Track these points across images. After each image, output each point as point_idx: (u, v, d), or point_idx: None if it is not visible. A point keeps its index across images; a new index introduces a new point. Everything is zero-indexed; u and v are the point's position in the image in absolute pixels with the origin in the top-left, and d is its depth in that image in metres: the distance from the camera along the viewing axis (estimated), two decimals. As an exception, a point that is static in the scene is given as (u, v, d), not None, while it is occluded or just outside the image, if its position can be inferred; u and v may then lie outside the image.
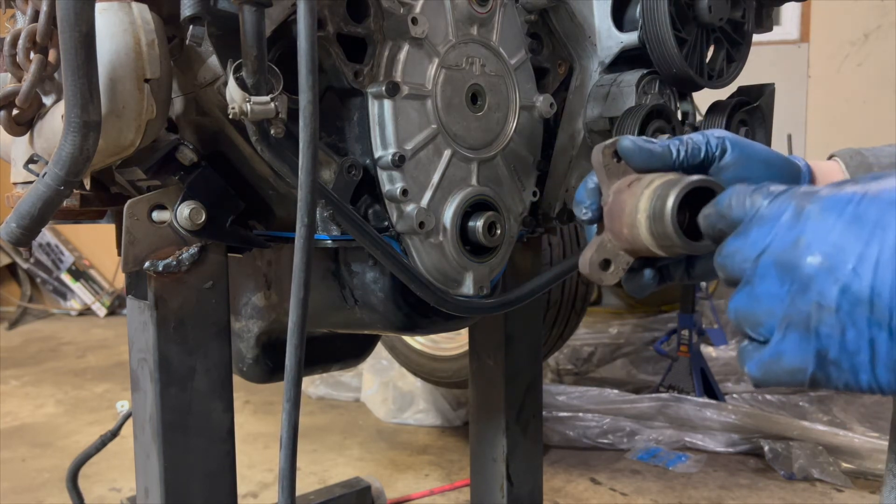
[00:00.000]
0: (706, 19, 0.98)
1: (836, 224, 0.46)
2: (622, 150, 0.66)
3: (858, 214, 0.46)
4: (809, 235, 0.47)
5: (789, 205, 0.49)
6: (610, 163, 0.66)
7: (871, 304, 0.44)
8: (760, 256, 0.49)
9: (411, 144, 0.87)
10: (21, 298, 4.79)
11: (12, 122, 0.80)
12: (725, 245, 0.52)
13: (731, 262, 0.52)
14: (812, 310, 0.46)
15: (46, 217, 0.68)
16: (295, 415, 0.68)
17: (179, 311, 0.84)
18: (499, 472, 1.26)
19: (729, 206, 0.54)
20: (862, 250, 0.45)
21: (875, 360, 0.45)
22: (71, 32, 0.63)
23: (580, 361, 3.03)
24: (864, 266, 0.44)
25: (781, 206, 0.50)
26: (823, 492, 1.92)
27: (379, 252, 0.84)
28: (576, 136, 1.06)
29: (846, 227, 0.46)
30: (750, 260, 0.50)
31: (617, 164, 0.66)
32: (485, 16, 0.94)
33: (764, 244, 0.49)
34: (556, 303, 2.00)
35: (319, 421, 2.52)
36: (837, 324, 0.45)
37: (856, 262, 0.45)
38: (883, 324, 0.44)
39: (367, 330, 1.04)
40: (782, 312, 0.48)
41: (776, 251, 0.48)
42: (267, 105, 0.72)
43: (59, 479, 1.86)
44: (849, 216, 0.46)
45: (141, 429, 0.88)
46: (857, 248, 0.45)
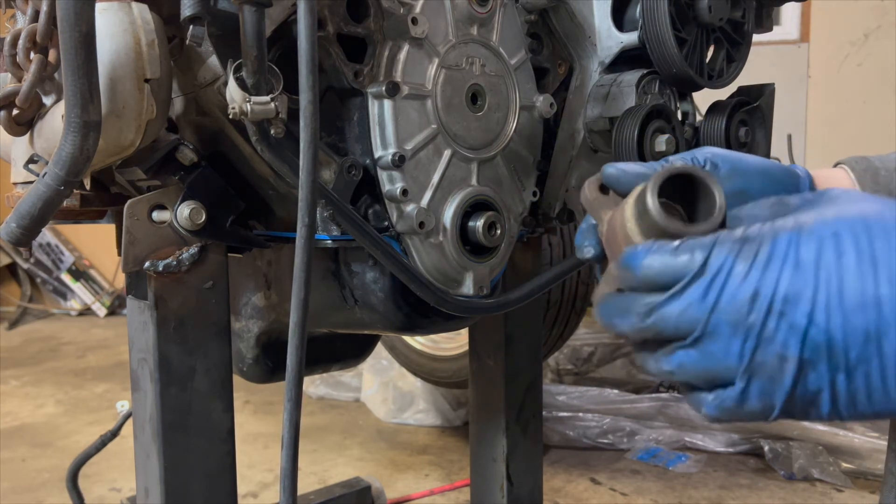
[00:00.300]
0: (706, 19, 0.98)
1: (784, 272, 0.47)
2: (606, 177, 0.63)
3: (800, 259, 0.47)
4: (762, 288, 0.47)
5: (728, 257, 0.49)
6: (598, 196, 0.63)
7: (829, 349, 0.47)
8: (711, 314, 0.48)
9: (411, 144, 0.87)
10: (21, 298, 4.79)
11: (12, 122, 0.80)
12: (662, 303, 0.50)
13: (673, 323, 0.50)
14: (775, 361, 0.48)
15: (46, 217, 0.68)
16: (296, 415, 0.68)
17: (179, 311, 0.84)
18: (499, 472, 1.26)
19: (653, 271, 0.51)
20: (812, 296, 0.46)
21: (836, 398, 0.48)
22: (71, 32, 0.63)
23: (580, 361, 3.03)
24: (818, 313, 0.46)
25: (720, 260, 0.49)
26: (823, 492, 1.92)
27: (379, 252, 0.84)
28: (576, 136, 1.06)
29: (793, 274, 0.47)
30: (700, 321, 0.49)
31: (606, 196, 0.63)
32: (485, 16, 0.94)
33: (715, 297, 0.48)
34: (556, 303, 2.00)
35: (319, 421, 2.52)
36: (800, 370, 0.47)
37: (809, 310, 0.46)
38: (840, 366, 0.47)
39: (367, 330, 1.04)
40: (742, 367, 0.48)
41: (729, 309, 0.48)
42: (267, 105, 0.72)
43: (59, 479, 1.86)
44: (792, 263, 0.47)
45: (141, 429, 0.88)
46: (807, 295, 0.46)
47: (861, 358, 0.46)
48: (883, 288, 0.46)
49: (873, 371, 0.46)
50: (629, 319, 0.52)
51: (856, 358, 0.46)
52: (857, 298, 0.46)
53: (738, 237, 0.49)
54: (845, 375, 0.47)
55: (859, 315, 0.46)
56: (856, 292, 0.46)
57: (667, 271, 0.50)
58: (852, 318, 0.46)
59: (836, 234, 0.47)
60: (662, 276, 0.51)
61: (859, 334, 0.46)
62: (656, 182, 0.55)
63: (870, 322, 0.46)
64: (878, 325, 0.46)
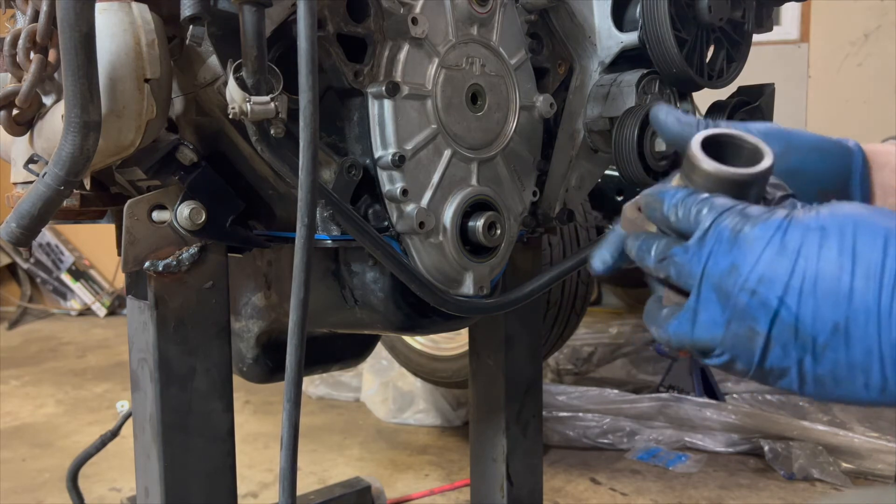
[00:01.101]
0: (706, 19, 0.98)
1: (766, 252, 0.50)
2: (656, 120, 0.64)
3: (784, 243, 0.49)
4: (742, 263, 0.50)
5: (726, 227, 0.52)
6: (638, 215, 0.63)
7: (797, 331, 0.49)
8: (702, 278, 0.52)
9: (411, 144, 0.87)
10: (21, 298, 4.79)
11: (12, 122, 0.80)
12: (674, 252, 0.55)
13: (676, 270, 0.54)
14: (748, 333, 0.51)
15: (46, 217, 0.68)
16: (296, 414, 0.68)
17: (179, 311, 0.84)
18: (499, 472, 1.26)
19: (675, 215, 0.55)
20: (787, 280, 0.49)
21: (803, 378, 0.50)
22: (71, 32, 0.63)
23: (580, 361, 3.03)
24: (790, 296, 0.49)
25: (720, 226, 0.52)
26: (823, 492, 1.92)
27: (379, 252, 0.84)
28: (576, 136, 1.06)
29: (774, 256, 0.49)
30: (694, 277, 0.53)
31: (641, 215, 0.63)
32: (485, 16, 0.94)
33: (702, 265, 0.52)
34: (556, 303, 2.00)
35: (319, 421, 2.52)
36: (767, 346, 0.50)
37: (782, 292, 0.49)
38: (807, 348, 0.49)
39: (367, 330, 1.04)
40: (722, 335, 0.52)
41: (714, 276, 0.52)
42: (267, 105, 0.72)
43: (59, 479, 1.86)
44: (776, 245, 0.50)
45: (141, 429, 0.88)
46: (783, 278, 0.49)
47: (828, 345, 0.48)
48: (858, 281, 0.47)
49: (840, 360, 0.48)
50: (649, 257, 0.57)
51: (823, 344, 0.48)
52: (830, 288, 0.48)
53: (741, 211, 0.52)
54: (812, 359, 0.49)
55: (830, 304, 0.48)
56: (830, 282, 0.48)
57: (685, 218, 0.54)
58: (823, 307, 0.48)
59: (822, 228, 0.49)
60: (681, 222, 0.55)
61: (828, 323, 0.48)
62: (704, 134, 0.57)
63: (839, 313, 0.47)
64: (846, 317, 0.47)
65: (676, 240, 0.56)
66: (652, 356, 2.93)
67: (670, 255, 0.55)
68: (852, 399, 0.49)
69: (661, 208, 0.57)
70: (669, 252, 0.55)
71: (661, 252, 0.56)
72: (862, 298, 0.47)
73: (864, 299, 0.47)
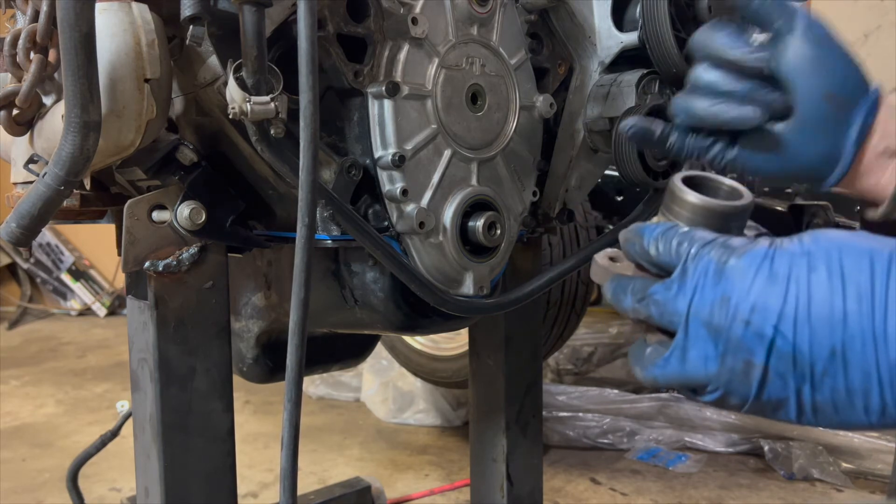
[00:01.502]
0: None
1: (756, 282, 0.49)
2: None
3: (773, 271, 0.49)
4: (732, 294, 0.50)
5: (711, 259, 0.51)
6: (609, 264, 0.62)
7: (794, 360, 0.48)
8: (689, 314, 0.51)
9: (411, 144, 0.87)
10: (21, 298, 4.79)
11: (12, 122, 0.80)
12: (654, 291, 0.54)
13: (658, 310, 0.53)
14: (743, 366, 0.50)
15: (46, 217, 0.68)
16: (296, 414, 0.68)
17: (179, 311, 0.84)
18: (499, 472, 1.26)
19: (656, 248, 0.55)
20: (781, 308, 0.48)
21: (802, 407, 0.49)
22: (71, 32, 0.63)
23: (580, 361, 3.03)
24: (785, 324, 0.48)
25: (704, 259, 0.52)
26: (823, 492, 1.92)
27: (379, 252, 0.84)
28: (576, 136, 1.06)
29: (765, 285, 0.49)
30: (680, 315, 0.52)
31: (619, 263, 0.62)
32: (485, 16, 0.94)
33: (688, 301, 0.51)
34: (556, 303, 2.00)
35: (319, 421, 2.52)
36: (765, 377, 0.49)
37: (777, 321, 0.48)
38: (806, 377, 0.48)
39: (367, 330, 1.04)
40: (716, 371, 0.51)
41: (703, 310, 0.51)
42: (267, 105, 0.72)
43: (59, 479, 1.86)
44: (765, 273, 0.49)
45: (141, 429, 0.88)
46: (776, 306, 0.48)
47: (826, 372, 0.47)
48: (850, 303, 0.47)
49: (839, 386, 0.47)
50: (625, 298, 0.55)
51: (821, 371, 0.47)
52: (824, 313, 0.47)
53: (724, 243, 0.52)
54: (810, 387, 0.48)
55: (826, 330, 0.47)
56: (824, 307, 0.47)
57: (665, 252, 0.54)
58: (819, 333, 0.47)
59: (808, 253, 0.49)
60: (662, 256, 0.54)
61: (825, 349, 0.47)
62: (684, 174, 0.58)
63: (836, 338, 0.47)
64: (843, 341, 0.47)
65: (654, 279, 0.55)
66: (652, 356, 2.93)
67: (650, 295, 0.53)
68: (851, 425, 0.49)
69: (641, 242, 0.56)
70: (648, 292, 0.54)
71: (638, 292, 0.54)
72: (857, 321, 0.46)
73: (859, 322, 0.46)
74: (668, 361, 0.53)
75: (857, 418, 0.48)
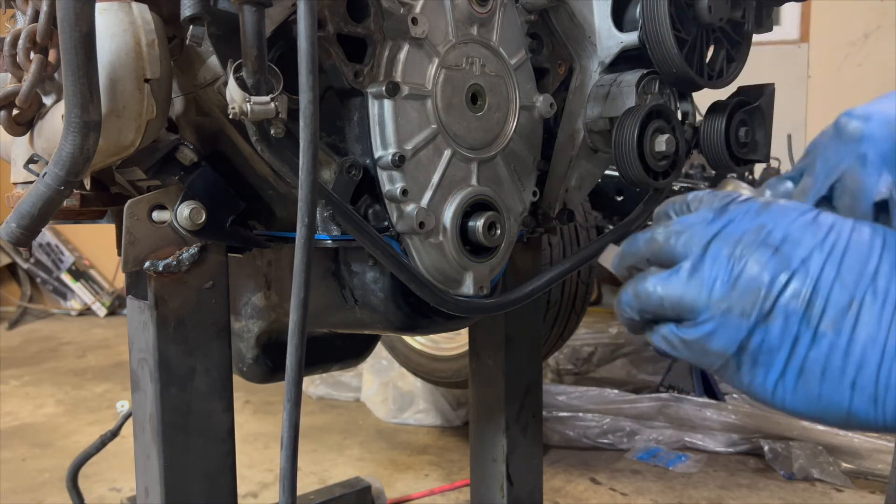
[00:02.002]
0: (706, 19, 0.98)
1: (798, 220, 0.47)
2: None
3: (818, 218, 0.47)
4: (769, 224, 0.48)
5: (755, 201, 0.50)
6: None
7: (809, 301, 0.45)
8: (715, 236, 0.49)
9: (411, 144, 0.87)
10: (21, 298, 4.79)
11: (12, 122, 0.80)
12: (686, 219, 0.51)
13: (679, 238, 0.51)
14: (752, 296, 0.46)
15: (46, 217, 0.68)
16: (296, 414, 0.68)
17: (179, 311, 0.84)
18: (499, 472, 1.26)
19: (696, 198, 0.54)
20: (815, 245, 0.46)
21: (788, 364, 0.46)
22: (71, 32, 0.63)
23: (580, 361, 3.03)
24: (814, 261, 0.45)
25: (748, 202, 0.50)
26: (823, 492, 1.92)
27: (379, 252, 0.84)
28: (576, 136, 1.06)
29: (805, 225, 0.47)
30: (701, 243, 0.49)
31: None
32: (485, 16, 0.94)
33: (719, 227, 0.49)
34: (556, 303, 2.00)
35: (319, 421, 2.52)
36: (771, 313, 0.46)
37: (807, 254, 0.46)
38: (812, 323, 0.45)
39: (367, 330, 1.04)
40: (721, 295, 0.47)
41: (734, 235, 0.48)
42: (267, 105, 0.72)
43: (59, 479, 1.86)
44: (810, 217, 0.48)
45: (141, 429, 0.88)
46: (811, 243, 0.46)
47: (834, 323, 0.44)
48: (885, 266, 0.44)
49: (840, 343, 0.44)
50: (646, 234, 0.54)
51: (830, 321, 0.45)
52: (857, 263, 0.45)
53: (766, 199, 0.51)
54: (811, 338, 0.45)
55: (853, 278, 0.45)
56: (858, 258, 0.45)
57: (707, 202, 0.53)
58: (845, 278, 0.45)
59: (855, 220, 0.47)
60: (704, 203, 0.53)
61: (844, 297, 0.44)
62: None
63: (860, 290, 0.44)
64: (864, 295, 0.44)
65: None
66: (652, 356, 2.93)
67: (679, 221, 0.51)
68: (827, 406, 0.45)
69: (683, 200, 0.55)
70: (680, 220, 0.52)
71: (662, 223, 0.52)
72: (885, 282, 0.44)
73: (887, 284, 0.44)
74: (676, 274, 0.50)
75: (841, 395, 0.45)
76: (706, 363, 0.50)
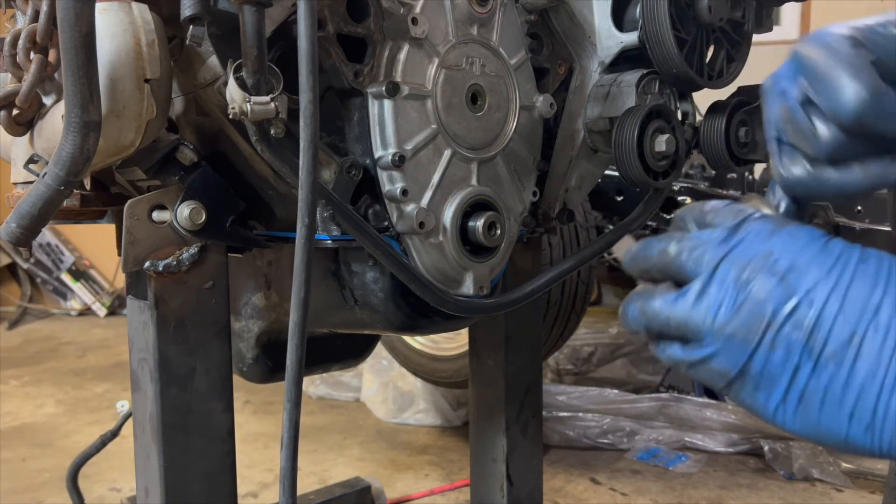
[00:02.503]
0: (706, 19, 0.98)
1: (807, 249, 0.48)
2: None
3: (826, 247, 0.48)
4: (777, 251, 0.48)
5: (767, 223, 0.50)
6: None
7: (811, 332, 0.46)
8: (724, 258, 0.50)
9: (411, 144, 0.87)
10: (21, 298, 4.79)
11: (12, 122, 0.80)
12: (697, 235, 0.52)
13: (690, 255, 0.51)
14: (755, 322, 0.47)
15: (46, 217, 0.68)
16: (296, 414, 0.68)
17: (179, 311, 0.84)
18: (499, 472, 1.26)
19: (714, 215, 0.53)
20: (821, 277, 0.47)
21: (789, 391, 0.47)
22: (71, 32, 0.63)
23: (580, 361, 3.03)
24: (819, 293, 0.46)
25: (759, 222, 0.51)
26: (823, 492, 1.92)
27: (379, 252, 0.84)
28: (576, 136, 1.06)
29: (815, 254, 0.48)
30: (714, 260, 0.50)
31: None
32: (485, 16, 0.94)
33: (729, 248, 0.50)
34: (556, 303, 2.00)
35: (319, 421, 2.52)
36: (774, 341, 0.47)
37: (812, 285, 0.46)
38: (813, 354, 0.46)
39: (368, 330, 1.04)
40: (725, 320, 0.48)
41: (742, 259, 0.49)
42: (267, 105, 0.72)
43: (59, 479, 1.86)
44: (818, 246, 0.48)
45: (141, 429, 0.88)
46: (817, 275, 0.47)
47: (835, 356, 0.45)
48: (888, 301, 0.45)
49: (840, 375, 0.45)
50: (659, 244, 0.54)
51: (830, 353, 0.45)
52: (860, 298, 0.46)
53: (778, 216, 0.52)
54: (811, 368, 0.46)
55: (855, 312, 0.45)
56: (862, 292, 0.46)
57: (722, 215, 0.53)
58: (847, 312, 0.46)
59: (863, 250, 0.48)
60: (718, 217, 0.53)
61: (846, 331, 0.45)
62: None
63: (861, 324, 0.45)
64: (866, 330, 0.45)
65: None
66: (652, 356, 2.93)
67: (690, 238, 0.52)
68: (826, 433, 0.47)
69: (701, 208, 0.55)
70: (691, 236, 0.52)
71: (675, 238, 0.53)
72: (888, 316, 0.45)
73: (889, 319, 0.45)
74: (683, 296, 0.50)
75: (839, 424, 0.46)
76: (709, 382, 0.51)
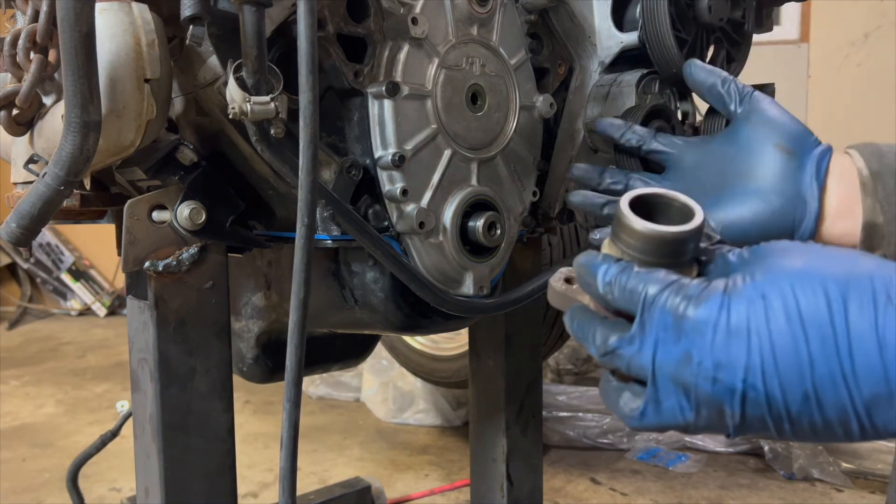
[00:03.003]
0: (706, 19, 0.98)
1: (716, 338, 0.49)
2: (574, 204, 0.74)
3: (732, 325, 0.48)
4: (695, 352, 0.49)
5: (668, 311, 0.50)
6: (567, 287, 0.60)
7: (769, 406, 0.48)
8: (654, 368, 0.51)
9: (411, 144, 0.87)
10: (21, 298, 4.79)
11: (12, 122, 0.80)
12: (617, 345, 0.53)
13: (626, 364, 0.53)
14: (718, 415, 0.50)
15: (46, 217, 0.68)
16: (296, 414, 0.68)
17: (179, 311, 0.84)
18: (499, 472, 1.26)
19: (612, 294, 0.54)
20: (746, 362, 0.48)
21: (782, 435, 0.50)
22: (71, 32, 0.62)
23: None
24: (754, 377, 0.48)
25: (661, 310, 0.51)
26: (823, 492, 1.92)
27: (379, 252, 0.84)
28: (576, 136, 1.06)
29: (726, 340, 0.48)
30: (646, 369, 0.51)
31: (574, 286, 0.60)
32: (485, 16, 0.94)
33: (651, 355, 0.51)
34: (556, 303, 2.00)
35: (319, 421, 2.52)
36: (744, 421, 0.49)
37: (744, 375, 0.48)
38: (782, 417, 0.48)
39: (368, 330, 1.04)
40: (693, 419, 0.51)
41: (667, 366, 0.50)
42: (267, 105, 0.72)
43: (59, 479, 1.86)
44: (723, 327, 0.48)
45: (141, 429, 0.88)
46: (741, 361, 0.48)
47: (802, 412, 0.48)
48: (814, 347, 0.46)
49: (816, 420, 0.48)
50: (592, 347, 0.55)
51: (797, 412, 0.48)
52: (791, 362, 0.47)
53: (679, 289, 0.51)
54: (789, 424, 0.48)
55: (795, 377, 0.47)
56: (790, 356, 0.47)
57: (621, 298, 0.53)
58: (789, 380, 0.47)
59: (763, 297, 0.48)
60: (619, 301, 0.53)
61: (797, 394, 0.47)
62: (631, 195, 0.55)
63: (806, 383, 0.47)
64: (814, 384, 0.47)
65: (614, 325, 0.54)
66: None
67: (614, 349, 0.53)
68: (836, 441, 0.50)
69: (596, 285, 0.55)
70: (611, 345, 0.53)
71: (602, 345, 0.54)
72: (824, 365, 0.46)
73: (827, 365, 0.46)
74: (645, 414, 0.53)
75: (838, 440, 0.49)
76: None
